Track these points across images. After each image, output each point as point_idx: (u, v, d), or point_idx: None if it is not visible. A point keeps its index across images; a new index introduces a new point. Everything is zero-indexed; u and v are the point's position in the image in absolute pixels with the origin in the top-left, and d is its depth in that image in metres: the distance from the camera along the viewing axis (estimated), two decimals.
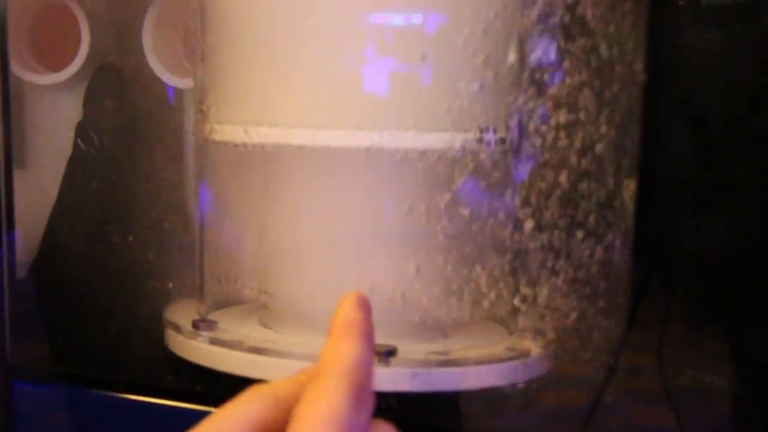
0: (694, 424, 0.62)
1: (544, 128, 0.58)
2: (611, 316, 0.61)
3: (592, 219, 0.59)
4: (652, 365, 0.63)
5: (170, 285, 0.67)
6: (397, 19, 0.56)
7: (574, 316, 0.60)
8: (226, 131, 0.59)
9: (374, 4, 0.56)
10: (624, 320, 0.63)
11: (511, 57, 0.58)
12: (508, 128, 0.58)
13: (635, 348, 0.63)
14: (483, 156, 0.57)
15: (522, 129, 0.59)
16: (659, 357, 0.63)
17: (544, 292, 0.60)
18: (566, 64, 0.58)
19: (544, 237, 0.59)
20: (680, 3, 0.63)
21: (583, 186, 0.59)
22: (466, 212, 0.58)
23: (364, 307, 0.42)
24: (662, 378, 0.63)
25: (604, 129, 0.59)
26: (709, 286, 0.63)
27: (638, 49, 0.59)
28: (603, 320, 0.61)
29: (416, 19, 0.56)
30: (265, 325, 0.63)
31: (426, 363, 0.57)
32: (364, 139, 0.56)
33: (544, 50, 0.57)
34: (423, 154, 0.56)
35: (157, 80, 0.68)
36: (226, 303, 0.66)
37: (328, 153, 0.57)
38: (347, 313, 0.42)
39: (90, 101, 0.69)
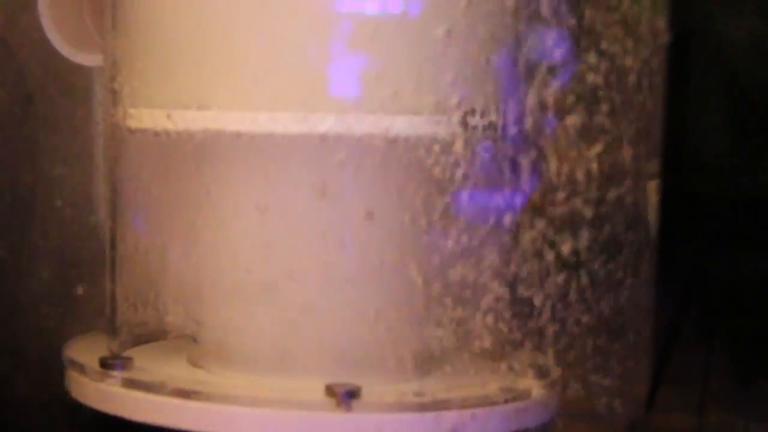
0: None
1: (543, 113, 0.59)
2: (634, 354, 0.62)
3: (607, 225, 0.60)
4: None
5: (70, 314, 0.67)
6: None
7: (584, 350, 0.60)
8: (145, 116, 0.59)
9: None
10: (651, 360, 0.63)
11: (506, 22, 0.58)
12: (499, 111, 0.58)
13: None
14: (467, 145, 0.57)
15: (518, 113, 0.59)
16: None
17: (546, 321, 0.60)
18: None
19: (548, 250, 0.59)
20: None
21: (595, 183, 0.60)
22: (446, 217, 0.58)
23: None
24: None
25: (621, 114, 0.59)
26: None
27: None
28: (623, 358, 0.61)
29: None
30: (194, 364, 0.62)
31: (397, 406, 0.56)
32: (318, 123, 0.56)
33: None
34: (393, 142, 0.56)
35: (57, 56, 0.68)
36: (144, 338, 0.65)
37: (273, 141, 0.56)
38: None
39: None
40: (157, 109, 0.58)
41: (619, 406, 0.60)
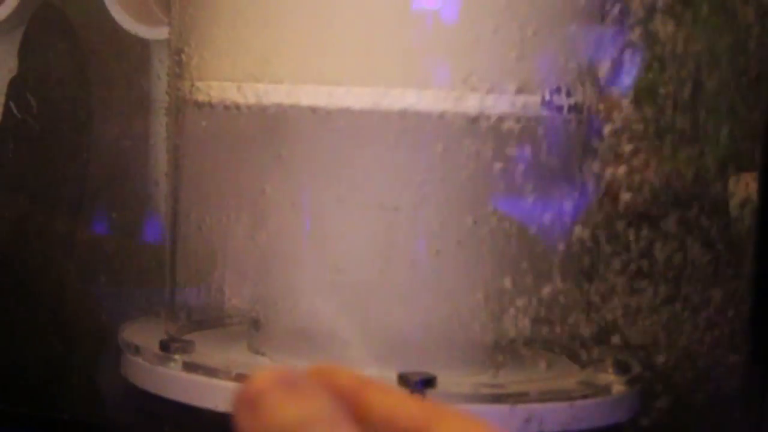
0: None
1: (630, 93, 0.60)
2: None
3: (693, 213, 0.60)
4: None
5: (129, 296, 0.68)
6: None
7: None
8: (213, 89, 0.60)
9: None
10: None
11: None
12: (585, 91, 0.59)
13: None
14: (551, 126, 0.58)
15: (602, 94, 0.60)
16: None
17: (627, 312, 0.61)
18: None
19: (631, 237, 0.60)
20: None
21: (682, 172, 0.60)
22: (527, 200, 0.58)
23: None
24: None
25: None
26: None
27: None
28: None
29: None
30: (255, 351, 0.63)
31: (474, 397, 0.57)
32: (398, 99, 0.56)
33: None
34: (475, 120, 0.57)
35: (114, 27, 0.69)
36: (202, 324, 0.66)
37: (350, 117, 0.57)
38: None
39: (26, 53, 0.70)
40: (227, 82, 0.59)
41: None
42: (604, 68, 0.59)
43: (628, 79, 0.60)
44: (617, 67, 0.59)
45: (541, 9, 0.58)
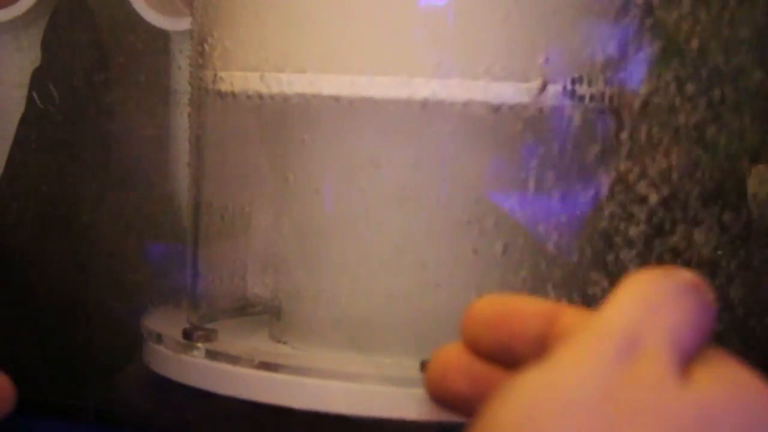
0: None
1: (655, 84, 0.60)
2: None
3: (714, 206, 0.60)
4: None
5: (150, 284, 0.68)
6: None
7: None
8: (236, 79, 0.60)
9: None
10: None
11: None
12: (606, 81, 0.59)
13: None
14: (573, 116, 0.58)
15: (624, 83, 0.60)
16: None
17: None
18: None
19: (655, 225, 0.60)
20: None
21: (706, 164, 0.60)
22: (549, 190, 0.58)
23: None
24: None
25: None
26: None
27: None
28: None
29: None
30: (277, 340, 0.64)
31: None
32: (421, 88, 0.56)
33: None
34: (497, 109, 0.57)
35: (136, 18, 0.69)
36: (224, 313, 0.66)
37: (373, 106, 0.57)
38: None
39: (49, 44, 0.70)
40: (250, 71, 0.59)
41: None
42: (626, 58, 0.59)
43: (649, 69, 0.60)
44: (639, 57, 0.59)
45: (564, 9, 0.58)
